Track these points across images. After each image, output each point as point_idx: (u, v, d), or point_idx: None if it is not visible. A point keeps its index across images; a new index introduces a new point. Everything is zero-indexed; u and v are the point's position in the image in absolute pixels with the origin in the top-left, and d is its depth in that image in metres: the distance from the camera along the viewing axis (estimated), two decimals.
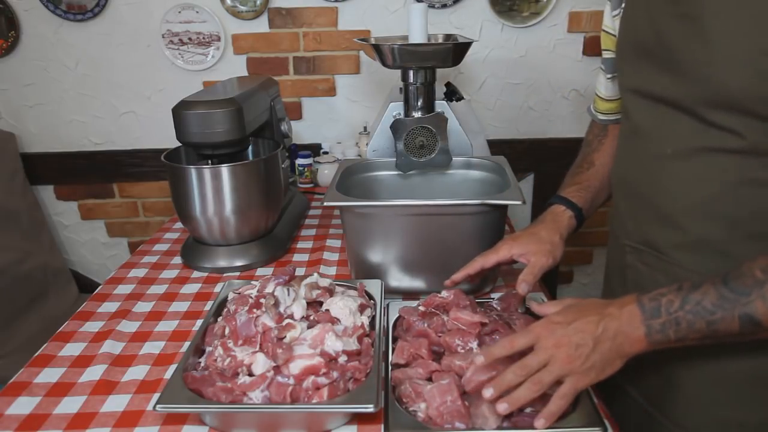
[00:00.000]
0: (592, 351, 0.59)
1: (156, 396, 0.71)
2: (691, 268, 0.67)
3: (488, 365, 0.65)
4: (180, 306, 0.99)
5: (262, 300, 0.77)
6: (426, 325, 0.77)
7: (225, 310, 0.83)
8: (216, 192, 1.05)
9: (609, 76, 0.90)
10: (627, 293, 0.64)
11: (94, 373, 0.80)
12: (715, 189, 0.60)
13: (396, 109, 1.16)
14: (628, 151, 0.74)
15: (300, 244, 1.23)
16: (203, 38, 1.69)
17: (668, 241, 0.69)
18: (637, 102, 0.69)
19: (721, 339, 0.57)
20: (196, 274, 1.11)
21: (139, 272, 1.12)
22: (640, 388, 0.78)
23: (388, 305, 0.86)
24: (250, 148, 1.28)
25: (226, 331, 0.75)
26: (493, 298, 0.86)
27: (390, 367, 0.73)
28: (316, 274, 0.85)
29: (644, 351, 0.60)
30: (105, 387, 0.77)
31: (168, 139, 1.27)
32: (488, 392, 0.61)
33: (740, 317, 0.54)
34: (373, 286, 0.89)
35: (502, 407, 0.60)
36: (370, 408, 0.64)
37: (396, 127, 1.05)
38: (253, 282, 0.85)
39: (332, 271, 1.10)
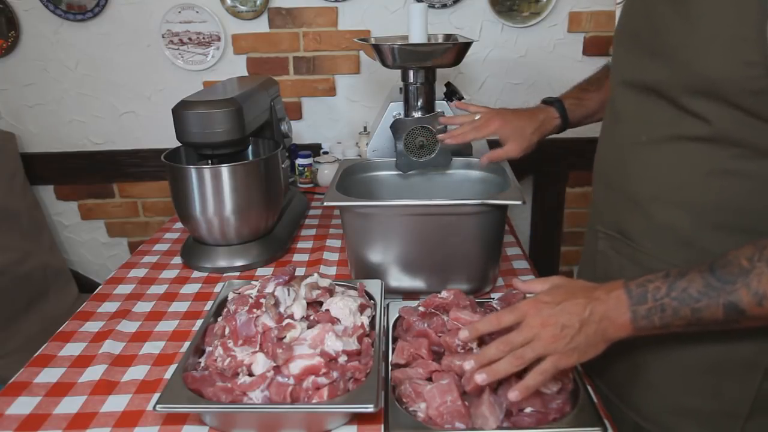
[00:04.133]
0: (578, 333, 0.59)
1: (156, 396, 0.71)
2: (657, 256, 0.67)
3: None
4: (180, 306, 0.99)
5: (262, 300, 0.77)
6: (426, 325, 0.77)
7: (225, 310, 0.83)
8: (216, 192, 1.05)
9: None
10: (596, 280, 0.65)
11: (94, 373, 0.80)
12: (684, 177, 0.61)
13: (396, 109, 1.17)
14: (607, 139, 0.76)
15: (300, 244, 1.23)
16: (203, 38, 1.69)
17: (636, 227, 0.70)
18: (624, 92, 0.70)
19: (705, 326, 0.57)
20: (196, 274, 1.11)
21: (139, 272, 1.12)
22: (605, 377, 0.78)
23: (388, 305, 0.86)
24: (250, 148, 1.28)
25: (226, 331, 0.75)
26: (493, 298, 0.86)
27: (390, 367, 0.73)
28: (316, 274, 0.85)
29: (629, 336, 0.60)
30: (105, 387, 0.77)
31: (168, 139, 1.27)
32: (469, 364, 0.62)
33: (725, 305, 0.55)
34: (373, 286, 0.89)
35: (480, 377, 0.61)
36: (370, 408, 0.64)
37: (396, 127, 1.05)
38: (253, 282, 0.85)
39: (332, 271, 1.10)
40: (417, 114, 1.13)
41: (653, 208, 0.67)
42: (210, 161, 1.12)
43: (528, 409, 0.64)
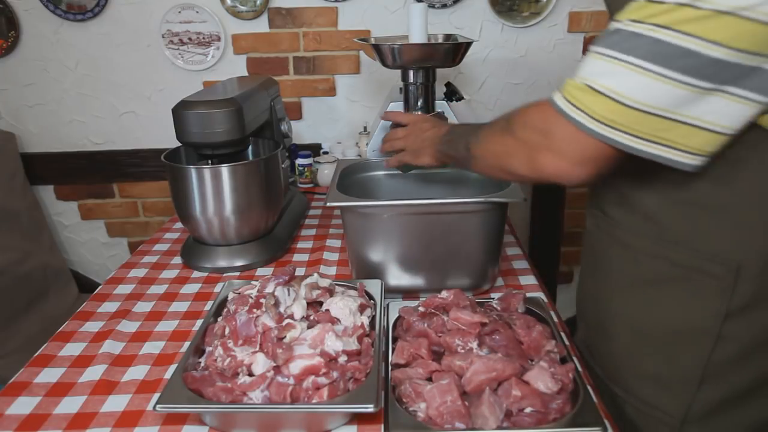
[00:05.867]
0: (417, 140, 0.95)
1: (156, 396, 0.71)
2: (630, 230, 0.72)
3: (488, 365, 0.67)
4: (180, 306, 0.99)
5: (262, 300, 0.77)
6: (426, 325, 0.77)
7: (225, 310, 0.83)
8: (216, 192, 1.05)
9: None
10: (585, 258, 0.81)
11: (94, 373, 0.80)
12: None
13: (396, 109, 1.16)
14: None
15: (300, 244, 1.23)
16: (203, 38, 1.69)
17: (611, 203, 0.75)
18: None
19: (463, 161, 0.82)
20: (196, 274, 1.11)
21: (139, 272, 1.12)
22: (594, 355, 0.83)
23: (388, 305, 0.86)
24: (250, 148, 1.28)
25: (226, 331, 0.75)
26: (493, 298, 0.86)
27: (390, 367, 0.73)
28: (316, 274, 0.85)
29: (433, 160, 0.90)
30: (105, 387, 0.77)
31: (168, 139, 1.27)
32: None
33: (465, 143, 0.80)
34: (373, 286, 0.89)
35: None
36: (370, 408, 0.64)
37: (396, 127, 1.05)
38: (253, 282, 0.85)
39: (332, 271, 1.10)
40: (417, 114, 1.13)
41: (625, 188, 0.72)
42: (210, 161, 1.12)
43: (528, 409, 0.64)
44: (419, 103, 1.13)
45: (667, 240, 0.66)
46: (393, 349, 0.75)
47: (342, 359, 0.71)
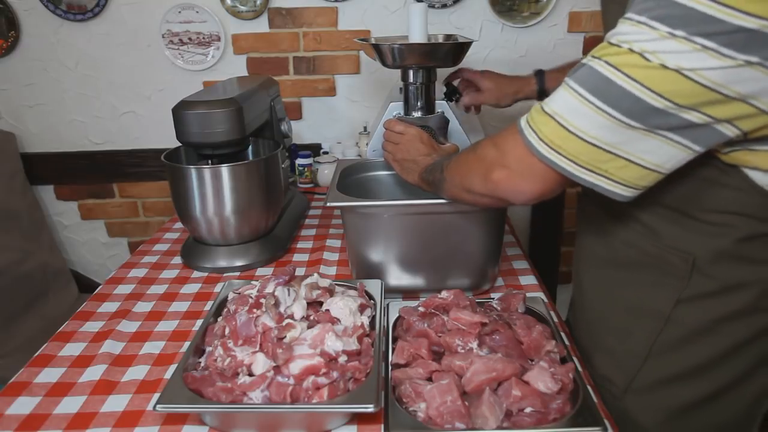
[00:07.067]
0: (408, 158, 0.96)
1: (156, 396, 0.71)
2: (607, 218, 0.77)
3: (488, 365, 0.67)
4: (180, 306, 0.99)
5: (262, 300, 0.77)
6: (426, 325, 0.77)
7: (225, 310, 0.83)
8: (216, 192, 1.05)
9: None
10: (580, 236, 0.85)
11: (94, 373, 0.80)
12: None
13: (396, 109, 1.16)
14: None
15: (300, 244, 1.23)
16: (203, 38, 1.69)
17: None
18: None
19: (437, 184, 0.84)
20: (196, 274, 1.11)
21: (139, 272, 1.12)
22: (577, 339, 0.88)
23: (388, 305, 0.86)
24: (250, 148, 1.28)
25: (226, 331, 0.75)
26: (493, 298, 0.86)
27: (390, 367, 0.73)
28: (316, 275, 0.85)
29: (418, 181, 0.91)
30: (105, 387, 0.77)
31: (168, 139, 1.27)
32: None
33: (441, 169, 0.82)
34: (373, 286, 0.89)
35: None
36: (370, 408, 0.64)
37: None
38: (253, 282, 0.85)
39: (332, 271, 1.10)
40: (417, 114, 1.13)
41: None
42: (210, 161, 1.12)
43: (528, 409, 0.64)
44: (419, 103, 1.13)
45: (639, 232, 0.72)
46: (393, 349, 0.75)
47: (342, 359, 0.71)
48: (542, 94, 1.18)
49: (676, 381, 0.72)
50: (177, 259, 1.17)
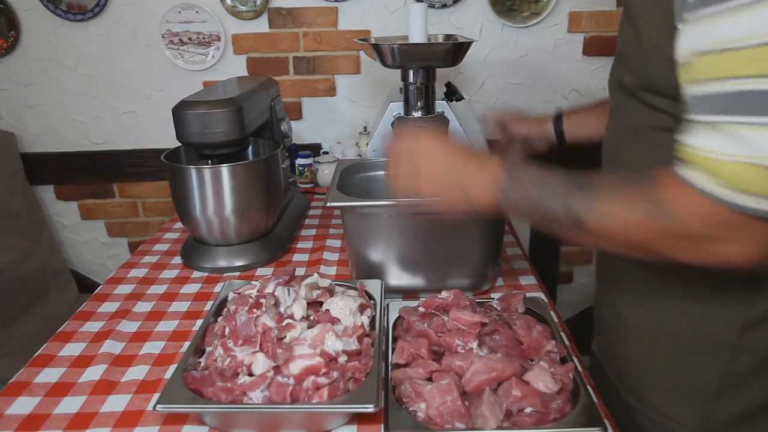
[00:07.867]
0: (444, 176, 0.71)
1: (156, 396, 0.70)
2: None
3: (488, 365, 0.67)
4: (180, 306, 0.99)
5: (262, 300, 0.77)
6: (426, 325, 0.77)
7: (225, 310, 0.83)
8: (216, 192, 1.05)
9: None
10: (601, 263, 0.83)
11: (94, 373, 0.80)
12: (657, 162, 0.64)
13: (396, 109, 1.16)
14: (607, 129, 0.84)
15: (300, 244, 1.23)
16: (203, 38, 1.69)
17: None
18: (614, 91, 0.80)
19: (546, 219, 0.63)
20: (196, 274, 1.11)
21: (139, 272, 1.12)
22: (611, 366, 0.84)
23: (388, 305, 0.86)
24: (250, 148, 1.28)
25: (226, 331, 0.75)
26: (493, 298, 0.86)
27: (390, 367, 0.73)
28: (316, 275, 0.85)
29: (489, 204, 0.67)
30: (105, 387, 0.77)
31: (168, 139, 1.27)
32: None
33: (565, 205, 0.60)
34: (373, 286, 0.89)
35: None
36: (370, 408, 0.64)
37: (396, 127, 1.05)
38: (253, 282, 0.85)
39: (332, 271, 1.10)
40: (417, 114, 1.13)
41: None
42: (210, 161, 1.12)
43: (528, 409, 0.64)
44: (419, 104, 1.13)
45: None
46: (393, 349, 0.75)
47: (342, 359, 0.71)
48: (560, 137, 1.06)
49: (761, 413, 0.68)
50: (177, 259, 1.17)
